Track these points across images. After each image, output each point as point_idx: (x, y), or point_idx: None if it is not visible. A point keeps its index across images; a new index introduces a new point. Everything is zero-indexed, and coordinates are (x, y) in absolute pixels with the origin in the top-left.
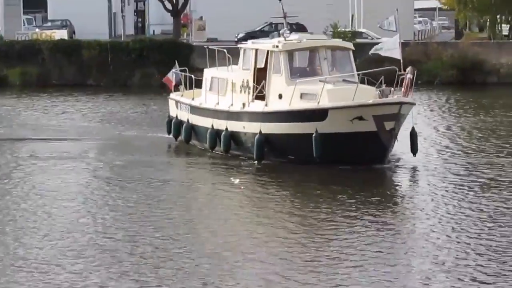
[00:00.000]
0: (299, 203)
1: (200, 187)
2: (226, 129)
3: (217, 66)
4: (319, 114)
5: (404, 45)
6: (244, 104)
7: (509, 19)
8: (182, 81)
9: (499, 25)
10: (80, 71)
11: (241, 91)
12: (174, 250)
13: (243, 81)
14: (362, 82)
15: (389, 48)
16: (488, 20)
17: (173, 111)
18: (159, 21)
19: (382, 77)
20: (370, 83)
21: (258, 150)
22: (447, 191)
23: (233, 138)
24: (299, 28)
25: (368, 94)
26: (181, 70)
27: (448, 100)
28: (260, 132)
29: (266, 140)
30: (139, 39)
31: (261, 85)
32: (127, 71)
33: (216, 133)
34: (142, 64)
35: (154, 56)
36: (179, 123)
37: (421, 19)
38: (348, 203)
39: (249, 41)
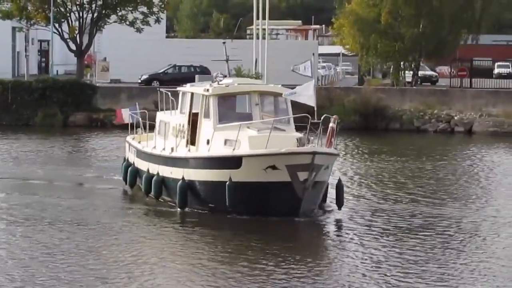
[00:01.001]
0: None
1: (105, 231)
2: (158, 173)
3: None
4: (234, 162)
5: None
6: (172, 149)
7: (412, 66)
8: (141, 123)
9: (402, 72)
10: None
11: (177, 135)
12: None
13: (180, 125)
14: (303, 129)
15: (303, 94)
16: (392, 66)
17: (127, 154)
18: (63, 61)
19: (322, 126)
20: (312, 131)
21: (180, 197)
22: (352, 241)
23: (164, 183)
24: (202, 70)
25: (288, 142)
26: (141, 112)
27: (352, 146)
28: (183, 178)
29: (188, 186)
30: (42, 79)
31: (187, 130)
32: (30, 111)
33: (151, 178)
34: (44, 104)
35: (57, 96)
36: (129, 166)
37: (325, 64)
38: (246, 255)
39: (188, 84)
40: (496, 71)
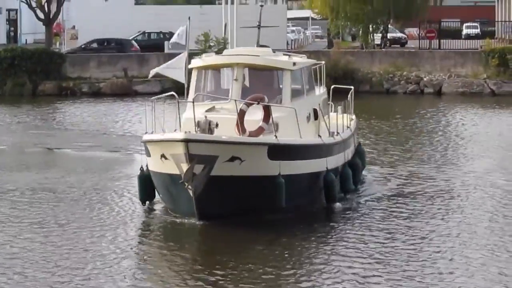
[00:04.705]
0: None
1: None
2: None
3: None
4: (146, 149)
5: None
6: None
7: (381, 28)
8: None
9: (371, 34)
10: None
11: None
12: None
13: None
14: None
15: (174, 66)
16: (361, 29)
17: None
18: (31, 30)
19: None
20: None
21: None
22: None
23: None
24: (171, 37)
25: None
26: None
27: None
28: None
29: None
30: (11, 48)
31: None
32: None
33: None
34: (13, 73)
35: (26, 65)
36: None
37: (294, 28)
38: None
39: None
40: (464, 32)
